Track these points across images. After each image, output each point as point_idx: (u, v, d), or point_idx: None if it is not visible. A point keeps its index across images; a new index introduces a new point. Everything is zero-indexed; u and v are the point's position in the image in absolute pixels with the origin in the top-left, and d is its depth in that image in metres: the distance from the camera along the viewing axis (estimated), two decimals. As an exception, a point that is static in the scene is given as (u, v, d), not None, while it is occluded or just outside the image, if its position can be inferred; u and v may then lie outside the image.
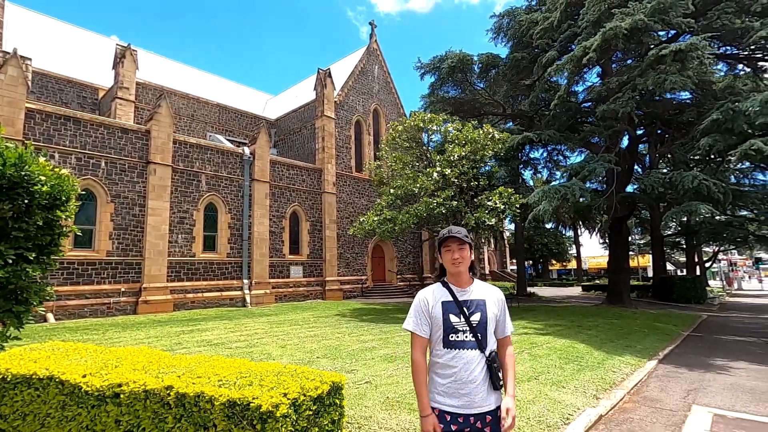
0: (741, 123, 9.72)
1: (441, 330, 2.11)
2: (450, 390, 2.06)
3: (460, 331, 2.10)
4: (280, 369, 3.05)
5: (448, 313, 2.12)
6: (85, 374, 3.15)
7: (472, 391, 2.05)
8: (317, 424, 2.72)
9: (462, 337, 2.10)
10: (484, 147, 13.48)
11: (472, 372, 2.06)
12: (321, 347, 8.10)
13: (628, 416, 4.88)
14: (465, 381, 2.05)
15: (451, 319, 2.11)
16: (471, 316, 2.12)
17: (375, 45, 29.59)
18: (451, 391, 2.06)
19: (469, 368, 2.06)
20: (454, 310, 2.12)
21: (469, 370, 2.06)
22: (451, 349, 2.09)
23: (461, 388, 2.05)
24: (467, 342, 2.09)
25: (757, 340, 10.62)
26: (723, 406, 5.27)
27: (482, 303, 2.16)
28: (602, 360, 7.30)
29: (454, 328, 2.10)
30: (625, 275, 18.02)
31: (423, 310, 2.16)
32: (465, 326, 2.10)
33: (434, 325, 2.14)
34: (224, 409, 2.52)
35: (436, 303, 2.15)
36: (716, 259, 49.46)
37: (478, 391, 2.06)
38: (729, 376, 6.75)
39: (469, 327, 2.10)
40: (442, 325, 2.11)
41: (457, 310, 2.12)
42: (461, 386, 2.05)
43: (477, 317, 2.12)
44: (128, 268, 15.95)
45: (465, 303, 2.15)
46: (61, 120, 15.02)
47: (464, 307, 2.14)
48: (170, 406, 2.72)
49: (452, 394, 2.06)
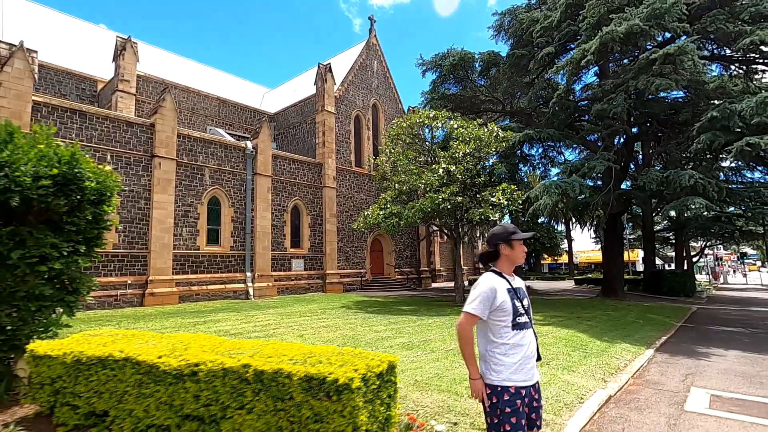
0: (736, 122, 10.27)
1: (510, 315, 2.39)
2: (520, 367, 2.35)
3: (522, 314, 2.43)
4: (339, 350, 3.41)
5: (513, 299, 2.42)
6: (161, 355, 3.48)
7: (532, 364, 2.41)
8: (379, 396, 3.09)
9: (523, 319, 2.43)
10: (489, 145, 13.90)
11: (531, 348, 2.44)
12: (338, 336, 8.47)
13: (635, 396, 5.34)
14: (529, 356, 2.41)
15: (515, 304, 2.42)
16: (523, 300, 2.49)
17: (374, 40, 29.73)
18: (520, 368, 2.35)
19: (531, 345, 2.44)
20: (515, 296, 2.45)
21: (531, 346, 2.44)
22: (519, 330, 2.40)
23: (527, 363, 2.38)
24: (527, 323, 2.46)
25: (745, 330, 11.24)
26: (719, 388, 5.76)
27: (523, 290, 2.54)
28: (605, 348, 7.78)
29: (518, 312, 2.42)
30: (619, 269, 18.67)
31: (490, 298, 2.39)
32: (523, 310, 2.45)
33: (501, 311, 2.38)
34: (302, 383, 2.87)
35: (501, 291, 2.41)
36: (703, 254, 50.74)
37: (534, 363, 2.44)
38: (722, 363, 7.28)
39: (524, 310, 2.46)
40: (511, 309, 2.39)
41: (515, 296, 2.45)
42: (527, 361, 2.38)
43: (526, 301, 2.51)
44: (134, 261, 16.13)
45: (517, 290, 2.50)
46: (67, 113, 15.08)
47: (518, 293, 2.49)
48: (249, 382, 3.07)
49: (521, 371, 2.35)
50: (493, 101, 20.93)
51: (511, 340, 2.38)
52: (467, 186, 14.40)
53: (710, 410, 4.85)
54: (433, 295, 22.07)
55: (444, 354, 6.75)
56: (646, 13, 11.88)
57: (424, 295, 21.58)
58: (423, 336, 8.45)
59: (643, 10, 11.85)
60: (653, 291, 23.34)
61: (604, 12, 12.81)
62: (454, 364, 6.10)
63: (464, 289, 17.90)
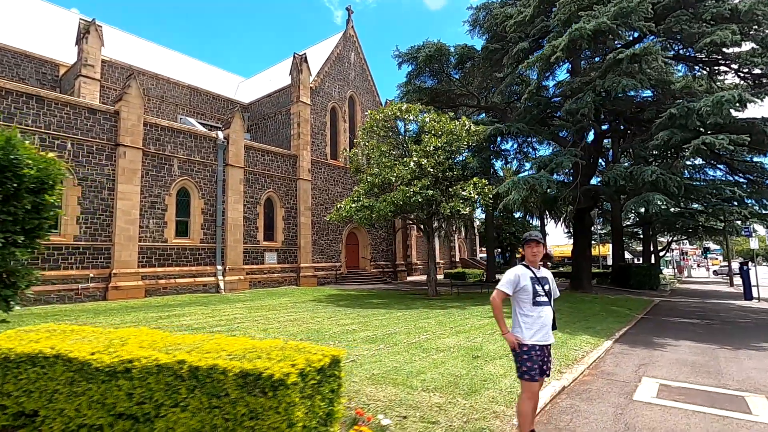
0: (694, 120, 10.59)
1: (531, 295, 3.50)
2: (538, 331, 3.46)
3: (541, 295, 3.52)
4: (283, 345, 3.32)
5: (534, 285, 3.53)
6: (94, 352, 3.32)
7: (547, 330, 3.51)
8: (320, 392, 3.03)
9: (542, 299, 3.52)
10: (460, 138, 13.93)
11: (549, 319, 3.54)
12: (302, 330, 8.37)
13: (588, 387, 5.46)
14: (546, 324, 3.50)
15: (536, 288, 3.52)
16: (544, 286, 3.58)
17: (352, 31, 29.37)
18: (538, 332, 3.46)
19: (547, 317, 3.52)
20: (537, 283, 3.55)
21: (547, 318, 3.52)
22: (538, 306, 3.50)
23: (543, 329, 3.48)
24: (545, 301, 3.54)
25: (700, 321, 11.71)
26: (668, 378, 5.95)
27: (547, 279, 3.65)
28: (565, 340, 7.94)
29: (538, 293, 3.52)
30: (586, 263, 19.15)
31: (514, 281, 3.55)
32: (543, 292, 3.54)
33: (524, 292, 3.52)
34: (237, 379, 2.78)
35: (525, 278, 3.55)
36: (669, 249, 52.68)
37: (549, 330, 3.54)
38: (674, 353, 7.54)
39: (544, 292, 3.55)
40: (531, 291, 3.51)
41: (537, 282, 3.55)
42: (542, 327, 3.48)
43: (547, 287, 3.61)
44: (97, 254, 15.55)
45: (541, 279, 3.59)
46: (23, 98, 14.30)
47: (540, 281, 3.57)
48: (183, 379, 2.95)
49: (538, 333, 3.46)
50: (468, 95, 21.00)
51: (532, 312, 3.50)
52: (439, 180, 14.43)
53: (657, 399, 5.00)
54: (407, 288, 22.17)
55: (406, 347, 6.74)
56: (614, 11, 12.10)
57: (398, 289, 21.65)
58: (388, 329, 8.43)
59: (611, 8, 12.06)
60: (620, 284, 24.09)
61: (574, 9, 12.98)
62: (414, 357, 6.10)
63: (437, 282, 18.03)
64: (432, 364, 5.69)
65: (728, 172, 17.78)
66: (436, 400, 4.35)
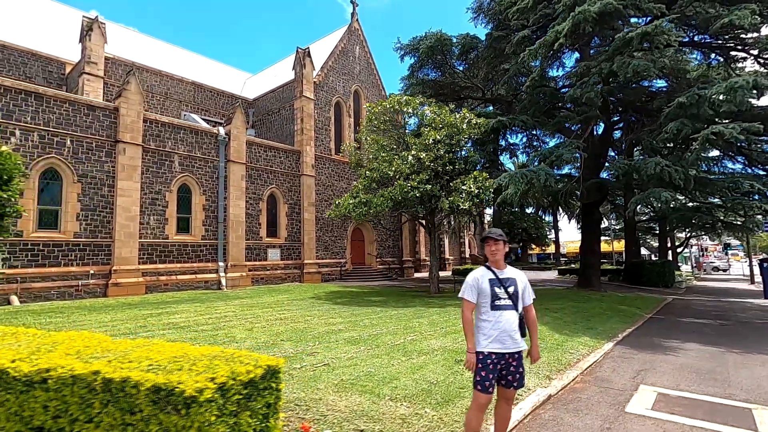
0: (706, 109, 9.87)
1: (489, 298, 3.14)
2: (498, 338, 3.07)
3: (502, 298, 3.15)
4: (216, 353, 3.02)
5: (493, 287, 3.16)
6: (15, 359, 3.06)
7: (508, 337, 3.07)
8: (249, 408, 2.70)
9: (503, 302, 3.14)
10: (460, 131, 13.44)
11: (511, 324, 3.10)
12: (287, 330, 8.10)
13: (577, 396, 5.04)
14: (506, 330, 3.08)
15: (495, 290, 3.16)
16: (508, 288, 3.18)
17: (356, 24, 28.95)
18: (497, 339, 3.07)
19: (509, 322, 3.10)
20: (497, 285, 3.18)
21: (509, 323, 3.10)
22: (497, 310, 3.13)
23: (503, 336, 3.07)
24: (507, 305, 3.14)
25: (714, 322, 11.07)
26: (668, 386, 5.48)
27: (514, 280, 3.24)
28: (562, 342, 7.49)
29: (498, 296, 3.15)
30: (595, 259, 18.47)
31: (474, 285, 3.20)
32: (505, 295, 3.16)
33: (483, 295, 3.16)
34: (149, 394, 2.48)
35: (483, 280, 3.19)
36: (688, 245, 51.11)
37: (513, 338, 3.09)
38: (679, 357, 7.03)
39: (507, 295, 3.17)
40: (490, 294, 3.15)
41: (498, 284, 3.18)
42: (501, 334, 3.07)
43: (512, 289, 3.19)
44: (97, 250, 15.57)
45: (503, 280, 3.21)
46: (21, 95, 14.33)
47: (503, 282, 3.19)
48: (97, 392, 2.67)
49: (497, 341, 3.07)
50: (472, 88, 20.41)
51: (490, 317, 3.14)
52: (439, 174, 13.98)
53: (651, 411, 4.56)
54: (411, 285, 21.80)
55: (388, 350, 6.40)
56: (621, -9, 11.40)
57: (402, 286, 21.29)
58: (376, 329, 8.10)
59: (618, -12, 11.37)
60: (633, 282, 23.29)
61: (579, -8, 12.30)
62: (393, 361, 5.75)
63: (440, 279, 17.62)
64: (409, 369, 5.34)
65: (747, 165, 16.88)
66: (403, 411, 4.00)
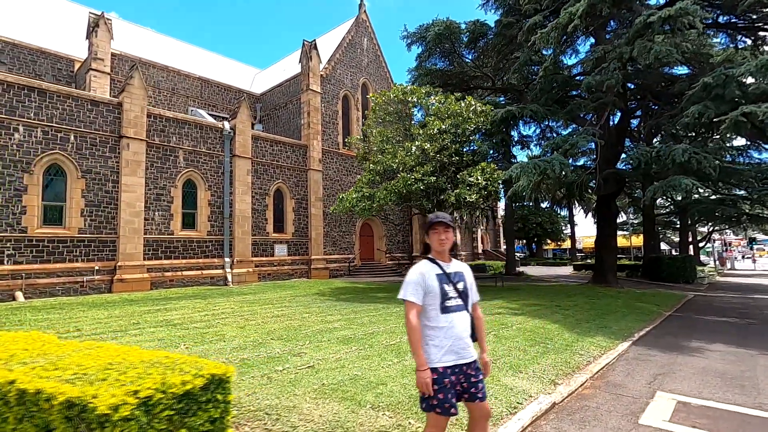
0: (733, 90, 9.07)
1: (438, 298, 2.51)
2: (451, 348, 2.46)
3: (452, 298, 2.54)
4: (158, 359, 2.63)
5: (442, 283, 2.54)
6: (-64, 365, 2.73)
7: (464, 344, 2.50)
8: (185, 425, 2.30)
9: (454, 302, 2.54)
10: (466, 120, 12.85)
11: (465, 329, 2.54)
12: (280, 328, 7.75)
13: (585, 404, 4.54)
14: (460, 336, 2.50)
15: (444, 288, 2.53)
16: (457, 284, 2.59)
17: (364, 16, 28.42)
18: (451, 349, 2.46)
19: (462, 326, 2.53)
20: (446, 281, 2.56)
21: (462, 327, 2.53)
22: (449, 314, 2.51)
23: (457, 344, 2.48)
24: (458, 305, 2.55)
25: (740, 320, 10.34)
26: (689, 393, 4.93)
27: (462, 274, 2.65)
28: (572, 342, 6.96)
29: (448, 296, 2.53)
30: (611, 254, 17.67)
31: (420, 282, 2.52)
32: (455, 293, 2.56)
33: (430, 295, 2.50)
34: (63, 409, 2.11)
35: (430, 276, 2.54)
36: (710, 239, 49.34)
37: (468, 343, 2.53)
38: (702, 359, 6.43)
39: (457, 294, 2.57)
40: (439, 293, 2.51)
41: (447, 280, 2.56)
42: (457, 342, 2.48)
43: (461, 285, 2.61)
44: (102, 246, 15.52)
45: (452, 275, 2.60)
46: (24, 91, 14.29)
47: (451, 278, 2.59)
48: (11, 404, 2.32)
49: (451, 351, 2.46)
50: (482, 77, 19.72)
51: (441, 323, 2.50)
52: (445, 166, 13.43)
53: (669, 424, 4.04)
54: (420, 281, 21.30)
55: (381, 350, 5.98)
56: (640, -31, 10.66)
57: (411, 282, 20.81)
58: (373, 328, 7.69)
59: (637, -33, 10.64)
60: (651, 277, 22.38)
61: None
62: (383, 362, 5.33)
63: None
64: (399, 372, 4.91)
65: (776, 154, 15.87)
66: (384, 421, 3.57)
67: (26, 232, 13.89)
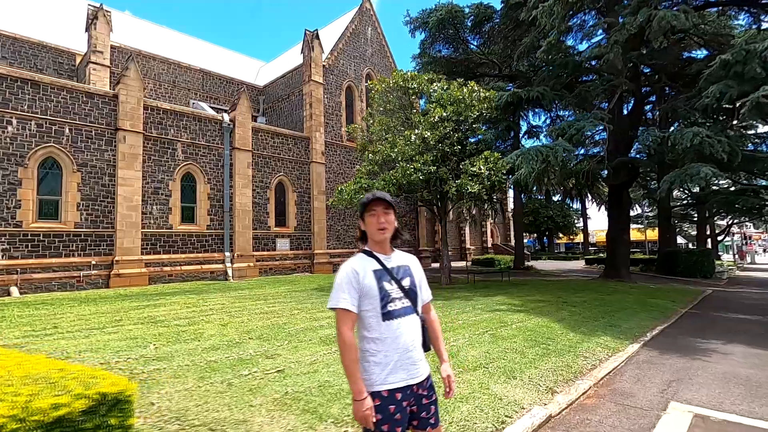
0: (754, 66, 8.25)
1: (378, 301, 1.91)
2: (397, 365, 1.90)
3: (396, 299, 1.96)
4: (47, 373, 2.16)
5: (382, 281, 1.94)
6: None
7: (414, 359, 1.94)
8: (57, 461, 1.83)
9: (399, 304, 1.96)
10: (469, 107, 12.19)
11: (414, 338, 1.98)
12: (264, 326, 7.30)
13: (586, 417, 3.97)
14: (409, 348, 1.93)
15: (385, 287, 1.94)
16: (402, 281, 2.01)
17: (368, 4, 27.70)
18: (397, 366, 1.90)
19: (411, 334, 1.96)
20: (387, 278, 1.97)
21: (411, 336, 1.96)
22: (392, 320, 1.92)
23: (405, 359, 1.92)
24: (405, 308, 1.97)
25: (763, 318, 9.59)
26: (708, 404, 4.33)
27: (408, 268, 2.07)
28: (576, 343, 6.37)
29: (390, 297, 1.94)
30: (624, 247, 16.86)
31: (353, 282, 1.90)
32: (399, 293, 1.98)
33: (368, 298, 1.91)
34: None
35: (366, 273, 1.94)
36: (729, 233, 47.71)
37: (419, 357, 1.98)
38: (720, 364, 5.79)
39: (403, 293, 1.99)
40: (378, 294, 1.92)
41: (388, 277, 1.98)
42: (405, 355, 1.92)
43: (407, 282, 2.03)
44: (99, 240, 15.30)
45: (393, 269, 2.01)
46: (18, 83, 14.04)
47: (393, 273, 2.00)
48: None
49: (398, 368, 1.90)
50: (489, 64, 18.95)
51: (382, 332, 1.91)
52: (447, 155, 12.80)
53: (684, 443, 3.46)
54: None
55: (363, 351, 5.47)
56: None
57: (415, 276, 20.28)
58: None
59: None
60: (667, 272, 21.47)
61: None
62: (362, 367, 4.81)
63: (451, 270, 16.54)
64: (377, 379, 4.39)
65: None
66: (344, 440, 3.06)
67: (21, 227, 13.70)
